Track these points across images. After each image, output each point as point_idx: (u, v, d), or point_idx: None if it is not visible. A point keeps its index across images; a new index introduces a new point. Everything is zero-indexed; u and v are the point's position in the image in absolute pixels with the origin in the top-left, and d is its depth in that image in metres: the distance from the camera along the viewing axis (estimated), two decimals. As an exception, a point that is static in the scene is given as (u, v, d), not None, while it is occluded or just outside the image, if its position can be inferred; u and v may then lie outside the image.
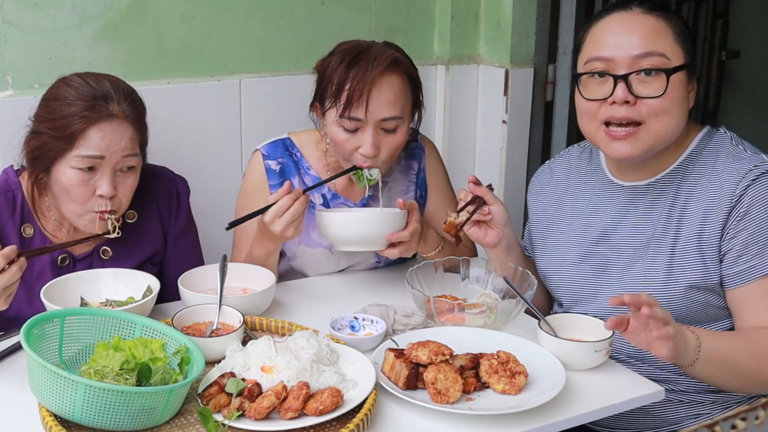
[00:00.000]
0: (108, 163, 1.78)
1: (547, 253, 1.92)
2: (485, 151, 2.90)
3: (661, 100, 1.63)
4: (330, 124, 1.98)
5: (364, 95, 1.90)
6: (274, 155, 2.11)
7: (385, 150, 1.97)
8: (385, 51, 1.95)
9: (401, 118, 1.96)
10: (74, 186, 1.78)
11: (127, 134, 1.80)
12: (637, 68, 1.64)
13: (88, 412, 1.33)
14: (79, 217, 1.83)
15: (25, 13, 2.19)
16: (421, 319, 1.78)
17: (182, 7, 2.38)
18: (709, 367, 1.59)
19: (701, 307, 1.71)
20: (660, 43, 1.64)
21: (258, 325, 1.76)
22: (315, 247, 2.11)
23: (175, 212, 2.04)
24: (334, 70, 1.95)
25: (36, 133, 1.81)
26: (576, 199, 1.89)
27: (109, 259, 1.95)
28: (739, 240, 1.64)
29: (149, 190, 1.99)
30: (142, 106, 1.88)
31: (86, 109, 1.75)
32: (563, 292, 1.88)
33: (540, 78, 2.86)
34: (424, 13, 2.78)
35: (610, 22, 1.69)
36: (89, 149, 1.76)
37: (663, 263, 1.71)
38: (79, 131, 1.75)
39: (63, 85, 1.81)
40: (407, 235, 1.90)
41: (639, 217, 1.77)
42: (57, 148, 1.77)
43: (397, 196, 2.14)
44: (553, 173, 1.98)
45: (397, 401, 1.49)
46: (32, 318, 1.46)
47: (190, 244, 2.09)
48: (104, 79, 1.83)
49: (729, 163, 1.69)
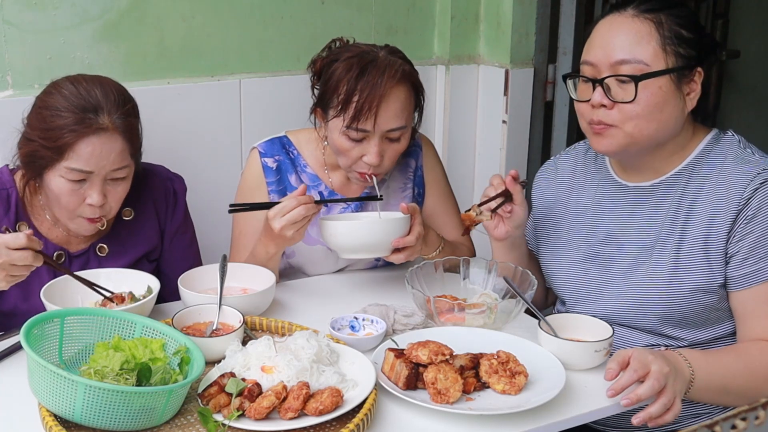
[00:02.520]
0: (97, 176, 1.79)
1: (551, 250, 1.92)
2: (485, 151, 2.90)
3: (633, 105, 1.65)
4: (334, 132, 1.98)
5: (374, 108, 1.90)
6: (271, 153, 2.12)
7: (388, 157, 1.99)
8: (393, 62, 1.94)
9: (406, 127, 1.98)
10: (64, 194, 1.80)
11: (117, 147, 1.79)
12: (614, 73, 1.66)
13: (88, 412, 1.33)
14: (69, 220, 1.86)
15: (25, 13, 2.19)
16: (421, 319, 1.78)
17: (182, 7, 2.38)
18: (703, 393, 1.61)
19: (703, 309, 1.71)
20: (640, 49, 1.65)
21: (258, 325, 1.76)
22: (313, 244, 2.11)
23: (172, 209, 2.05)
24: (340, 79, 1.94)
25: (28, 140, 1.81)
26: (581, 197, 1.90)
27: (106, 256, 1.96)
28: (746, 243, 1.64)
29: (146, 188, 2.00)
30: (134, 116, 1.85)
31: (76, 122, 1.74)
32: (566, 291, 1.88)
33: (540, 78, 2.86)
34: (424, 13, 2.78)
35: (602, 25, 1.72)
36: (78, 163, 1.76)
37: (667, 264, 1.71)
38: (68, 144, 1.75)
39: (55, 92, 1.80)
40: (413, 240, 1.90)
41: (644, 218, 1.77)
42: (47, 157, 1.77)
43: (394, 194, 2.15)
44: (558, 170, 1.98)
45: (397, 401, 1.49)
46: (32, 318, 1.46)
47: (187, 242, 2.10)
48: (96, 87, 1.80)
49: (737, 166, 1.69)
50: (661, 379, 1.49)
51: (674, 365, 1.54)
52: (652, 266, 1.74)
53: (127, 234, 1.98)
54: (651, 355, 1.52)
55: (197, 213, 2.17)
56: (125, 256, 1.97)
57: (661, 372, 1.49)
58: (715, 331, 1.75)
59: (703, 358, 1.62)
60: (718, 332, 1.75)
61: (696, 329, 1.74)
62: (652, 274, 1.73)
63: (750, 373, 1.63)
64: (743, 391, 1.63)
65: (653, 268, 1.73)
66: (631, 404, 1.49)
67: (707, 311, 1.72)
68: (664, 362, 1.52)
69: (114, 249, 1.97)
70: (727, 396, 1.65)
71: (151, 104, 2.02)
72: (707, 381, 1.60)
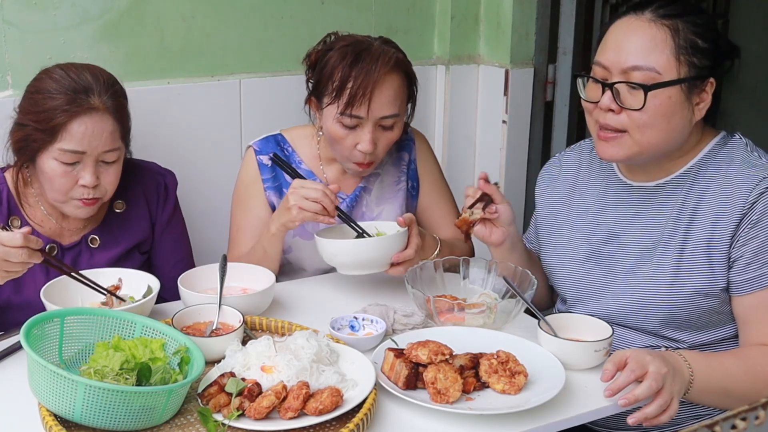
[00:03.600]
0: (90, 156, 1.83)
1: (553, 248, 1.92)
2: (485, 151, 2.90)
3: (641, 113, 1.64)
4: (328, 120, 2.02)
5: (367, 94, 1.94)
6: (266, 150, 2.16)
7: (381, 145, 2.03)
8: (387, 50, 2.00)
9: (398, 116, 2.02)
10: (57, 176, 1.83)
11: (108, 127, 1.84)
12: (625, 79, 1.65)
13: (88, 412, 1.33)
14: (63, 203, 1.89)
15: (25, 13, 2.19)
16: (421, 319, 1.78)
17: (182, 7, 2.38)
18: (702, 395, 1.61)
19: (705, 312, 1.71)
20: (653, 56, 1.63)
21: (258, 324, 1.76)
22: (309, 238, 2.13)
23: (163, 202, 2.09)
24: (335, 67, 1.98)
25: (20, 125, 1.86)
26: (584, 195, 1.89)
27: (97, 248, 1.99)
28: (750, 248, 1.64)
29: (138, 182, 2.06)
30: (123, 97, 1.92)
31: (68, 102, 1.80)
32: (568, 289, 1.88)
33: (540, 78, 2.86)
34: (424, 13, 2.78)
35: (619, 26, 1.69)
36: (71, 143, 1.81)
37: (670, 266, 1.71)
38: (61, 124, 1.80)
39: (45, 77, 1.86)
40: (412, 254, 1.91)
41: (647, 219, 1.77)
42: (40, 140, 1.82)
43: (389, 188, 2.18)
44: (562, 167, 1.97)
45: (397, 401, 1.49)
46: (32, 318, 1.46)
47: (177, 236, 2.14)
48: (85, 71, 1.87)
49: (743, 170, 1.68)
50: (659, 380, 1.49)
51: (673, 366, 1.54)
52: (654, 267, 1.73)
53: (119, 225, 2.03)
54: (649, 356, 1.52)
55: (197, 212, 2.18)
56: (117, 247, 2.01)
57: (659, 372, 1.49)
58: (716, 333, 1.74)
59: (703, 360, 1.62)
60: (718, 335, 1.75)
61: (696, 332, 1.74)
62: (654, 275, 1.73)
63: (751, 376, 1.63)
64: (744, 394, 1.62)
65: (655, 270, 1.73)
66: (629, 404, 1.49)
67: (708, 314, 1.71)
68: (662, 363, 1.51)
69: (105, 240, 2.00)
70: (728, 399, 1.64)
71: (151, 104, 2.02)
72: (706, 383, 1.59)
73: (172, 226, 2.11)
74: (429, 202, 2.23)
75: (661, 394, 1.49)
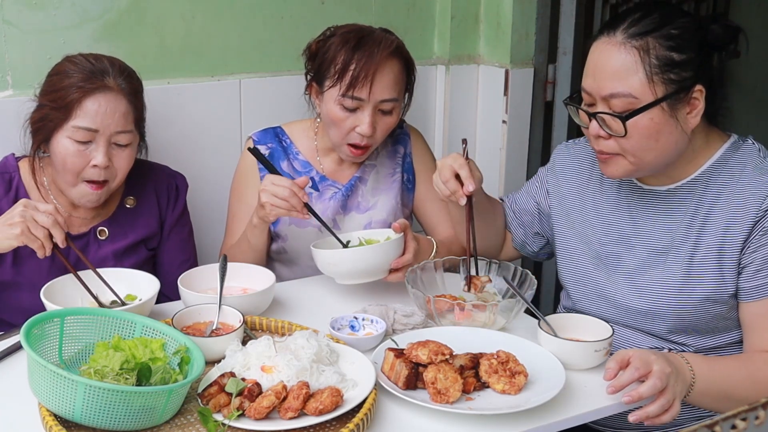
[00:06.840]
0: (102, 135, 1.87)
1: (564, 243, 1.92)
2: (485, 151, 2.90)
3: (626, 139, 1.63)
4: (329, 103, 2.06)
5: (369, 76, 2.00)
6: (263, 141, 2.21)
7: (380, 130, 2.08)
8: (387, 37, 2.07)
9: (398, 101, 2.08)
10: (70, 155, 1.87)
11: (122, 108, 1.88)
12: (606, 106, 1.64)
13: (88, 412, 1.33)
14: (73, 186, 1.91)
15: (25, 13, 2.19)
16: (421, 319, 1.78)
17: (182, 7, 2.38)
18: (703, 398, 1.61)
19: (712, 318, 1.71)
20: (628, 82, 1.60)
21: (258, 324, 1.76)
22: (305, 227, 2.15)
23: (173, 202, 2.13)
24: (337, 51, 2.04)
25: (39, 107, 1.92)
26: (596, 193, 1.88)
27: (105, 239, 2.02)
28: (760, 255, 1.64)
29: (150, 181, 2.10)
30: (138, 83, 1.97)
31: (83, 80, 1.86)
32: (573, 286, 1.89)
33: (540, 78, 2.86)
34: (424, 13, 2.78)
35: (595, 50, 1.66)
36: (85, 120, 1.85)
37: (680, 271, 1.71)
38: (75, 101, 1.85)
39: (66, 62, 1.93)
40: (410, 259, 1.92)
41: (658, 222, 1.76)
42: (56, 118, 1.86)
43: (384, 180, 2.21)
44: (577, 156, 1.95)
45: (397, 401, 1.49)
46: (32, 318, 1.46)
47: (185, 236, 2.17)
48: (104, 59, 1.94)
49: (756, 176, 1.67)
50: (663, 379, 1.49)
51: (676, 367, 1.54)
52: (663, 272, 1.73)
53: (127, 220, 2.06)
54: (653, 355, 1.52)
55: (197, 212, 2.18)
56: (124, 239, 2.04)
57: (663, 372, 1.49)
58: (722, 338, 1.75)
59: (705, 364, 1.62)
60: (723, 340, 1.75)
61: (703, 336, 1.74)
62: (663, 279, 1.73)
63: (753, 382, 1.62)
64: (745, 398, 1.61)
65: (665, 274, 1.73)
66: (632, 402, 1.49)
67: (716, 320, 1.71)
68: (666, 363, 1.51)
69: (114, 232, 2.03)
70: (729, 403, 1.63)
71: (151, 104, 2.02)
72: (707, 386, 1.59)
73: (180, 226, 2.14)
74: (426, 195, 2.26)
75: (664, 393, 1.49)
